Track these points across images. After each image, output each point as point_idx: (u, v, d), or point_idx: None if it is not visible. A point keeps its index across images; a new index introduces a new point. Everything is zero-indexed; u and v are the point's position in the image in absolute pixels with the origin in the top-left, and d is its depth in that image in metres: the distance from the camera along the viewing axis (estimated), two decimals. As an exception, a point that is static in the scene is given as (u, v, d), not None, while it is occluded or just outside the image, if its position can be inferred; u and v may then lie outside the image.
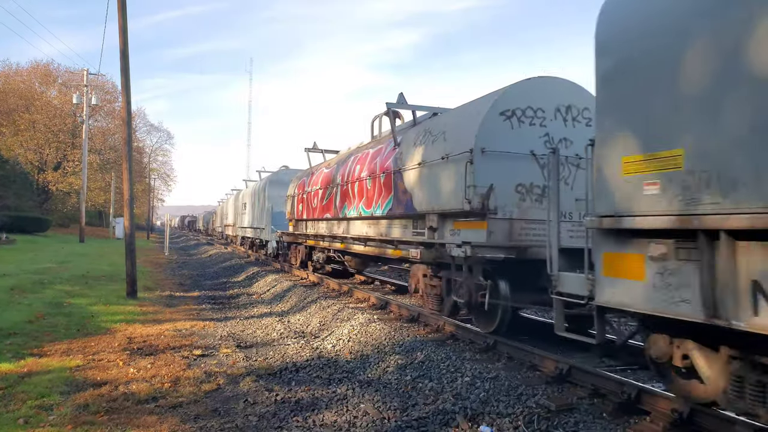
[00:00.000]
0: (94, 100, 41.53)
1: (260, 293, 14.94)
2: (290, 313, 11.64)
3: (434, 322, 8.76)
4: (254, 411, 5.57)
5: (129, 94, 13.42)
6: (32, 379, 6.24)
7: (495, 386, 5.74)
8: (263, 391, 6.19)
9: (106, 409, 5.45)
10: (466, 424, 4.99)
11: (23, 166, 48.19)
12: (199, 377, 6.65)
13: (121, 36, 13.19)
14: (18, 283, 13.64)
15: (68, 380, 6.31)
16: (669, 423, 4.60)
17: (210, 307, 12.74)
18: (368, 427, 5.12)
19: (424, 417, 5.24)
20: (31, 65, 55.05)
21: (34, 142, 49.75)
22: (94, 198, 56.40)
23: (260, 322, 10.57)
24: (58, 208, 54.47)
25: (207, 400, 5.89)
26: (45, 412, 5.27)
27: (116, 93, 53.85)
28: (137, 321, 10.12)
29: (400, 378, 6.56)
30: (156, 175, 74.63)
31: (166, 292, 14.61)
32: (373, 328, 8.73)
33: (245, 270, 20.24)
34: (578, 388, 5.61)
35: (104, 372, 6.71)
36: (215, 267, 23.29)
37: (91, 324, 9.56)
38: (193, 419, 5.31)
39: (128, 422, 5.13)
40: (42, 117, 49.25)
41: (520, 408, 5.17)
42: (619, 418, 4.89)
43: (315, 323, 10.18)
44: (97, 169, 54.13)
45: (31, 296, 11.97)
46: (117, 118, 53.24)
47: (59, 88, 54.01)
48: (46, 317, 9.78)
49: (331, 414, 5.47)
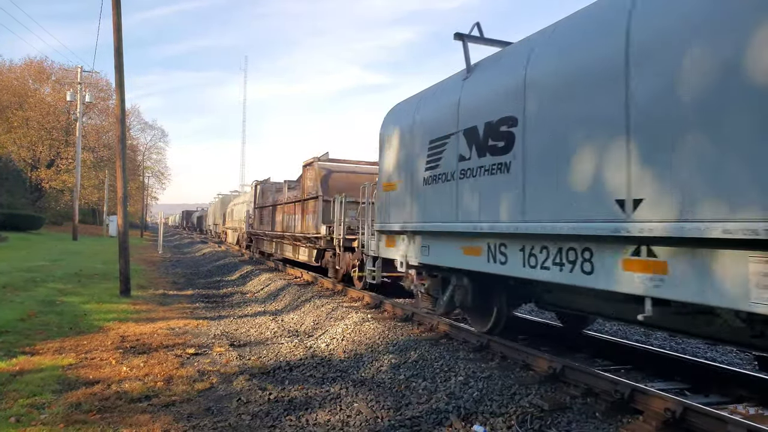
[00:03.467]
0: (87, 98, 41.30)
1: (254, 292, 14.91)
2: (284, 311, 11.62)
3: (428, 321, 8.77)
4: (247, 410, 5.56)
5: (123, 91, 13.36)
6: (24, 378, 6.21)
7: (488, 385, 5.75)
8: (256, 390, 6.18)
9: (99, 407, 5.42)
10: (460, 423, 4.99)
11: (16, 164, 47.92)
12: (193, 376, 6.63)
13: (116, 33, 13.12)
14: (10, 281, 13.57)
15: (60, 379, 6.27)
16: (662, 422, 4.62)
17: (204, 305, 12.70)
18: (361, 426, 5.12)
19: (417, 416, 5.24)
20: (24, 62, 54.75)
21: (28, 140, 49.44)
22: (87, 196, 56.09)
23: (254, 321, 10.55)
24: (52, 206, 54.20)
25: (200, 399, 5.87)
26: (37, 411, 5.24)
27: (110, 90, 53.56)
28: (130, 319, 10.08)
29: (394, 377, 6.56)
30: (150, 173, 74.38)
31: (159, 291, 14.56)
32: (367, 327, 8.73)
33: (239, 268, 20.19)
34: (571, 388, 5.62)
35: (97, 370, 6.68)
36: (209, 265, 23.22)
37: (84, 322, 9.52)
38: (186, 418, 5.29)
39: (121, 421, 5.11)
40: (35, 114, 48.96)
41: (513, 407, 5.18)
42: (612, 418, 4.91)
43: (309, 322, 10.17)
44: (90, 166, 53.88)
45: (24, 294, 11.90)
46: (111, 115, 52.99)
47: (53, 85, 53.71)
48: (38, 315, 9.73)
49: (325, 413, 5.46)
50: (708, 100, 3.97)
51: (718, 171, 3.86)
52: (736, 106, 3.79)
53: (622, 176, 4.60)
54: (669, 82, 4.24)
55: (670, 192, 4.17)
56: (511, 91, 6.07)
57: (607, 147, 4.78)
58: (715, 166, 3.88)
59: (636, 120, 4.51)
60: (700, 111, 4.01)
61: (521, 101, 5.88)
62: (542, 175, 5.55)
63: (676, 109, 4.18)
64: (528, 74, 5.86)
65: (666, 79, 4.27)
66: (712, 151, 3.91)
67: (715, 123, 3.91)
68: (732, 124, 3.81)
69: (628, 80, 4.59)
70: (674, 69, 4.21)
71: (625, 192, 4.57)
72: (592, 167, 4.93)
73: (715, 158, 3.89)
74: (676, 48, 4.21)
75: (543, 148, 5.56)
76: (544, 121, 5.57)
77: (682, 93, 4.14)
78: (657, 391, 5.01)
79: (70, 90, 41.48)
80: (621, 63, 4.66)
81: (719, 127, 3.88)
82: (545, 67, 5.68)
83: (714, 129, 3.91)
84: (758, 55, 3.66)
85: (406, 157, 8.55)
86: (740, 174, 3.74)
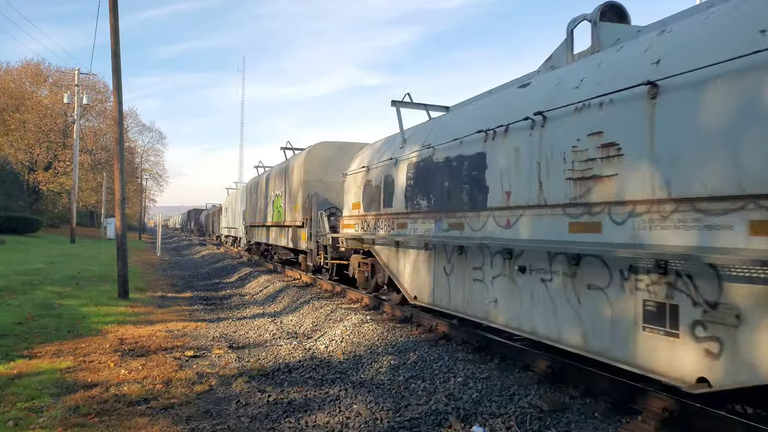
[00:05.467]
0: (85, 100, 41.21)
1: (253, 294, 14.89)
2: (283, 313, 11.61)
3: (426, 322, 8.77)
4: (246, 412, 5.55)
5: (120, 93, 13.34)
6: (22, 381, 6.18)
7: (487, 386, 5.75)
8: (255, 392, 6.17)
9: (97, 411, 5.41)
10: (459, 424, 4.99)
11: (13, 166, 47.75)
12: (191, 378, 6.62)
13: (113, 36, 13.11)
14: (7, 284, 13.53)
15: (59, 382, 6.25)
16: (660, 422, 4.62)
17: (202, 307, 12.68)
18: (361, 427, 5.11)
19: (416, 417, 5.24)
20: (21, 65, 54.73)
21: (25, 142, 49.36)
22: (85, 198, 56.02)
23: (253, 323, 10.53)
24: (49, 209, 54.07)
25: (199, 402, 5.86)
26: (35, 414, 5.23)
27: (108, 92, 53.42)
28: (129, 322, 10.06)
29: (393, 378, 6.56)
30: (148, 175, 74.30)
31: (158, 293, 14.53)
32: (366, 328, 8.72)
33: (238, 270, 20.17)
34: (571, 388, 5.63)
35: (95, 374, 6.66)
36: (207, 267, 23.19)
37: (82, 325, 9.49)
38: (184, 421, 5.28)
39: (119, 424, 5.09)
40: (33, 117, 48.87)
41: (512, 408, 5.18)
42: (611, 418, 4.91)
43: (308, 324, 10.16)
44: (88, 169, 53.80)
45: (21, 297, 11.87)
46: (109, 117, 52.85)
47: (50, 87, 53.61)
48: (36, 319, 9.69)
49: (324, 415, 5.45)
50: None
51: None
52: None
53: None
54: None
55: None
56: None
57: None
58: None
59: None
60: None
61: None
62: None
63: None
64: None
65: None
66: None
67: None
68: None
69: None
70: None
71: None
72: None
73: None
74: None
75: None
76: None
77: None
78: (656, 392, 5.02)
79: (67, 92, 41.40)
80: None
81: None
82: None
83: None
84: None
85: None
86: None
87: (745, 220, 3.81)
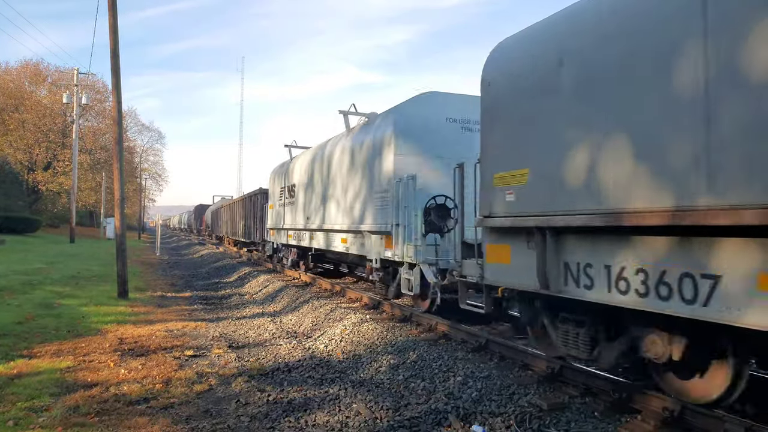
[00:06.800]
0: (84, 100, 41.16)
1: (252, 293, 14.89)
2: (282, 313, 11.61)
3: (426, 321, 8.78)
4: (246, 412, 5.55)
5: (120, 93, 13.33)
6: (22, 381, 6.19)
7: (487, 385, 5.75)
8: (255, 391, 6.17)
9: (97, 410, 5.41)
10: (459, 423, 4.99)
11: (13, 166, 47.71)
12: (191, 378, 6.62)
13: (112, 35, 13.10)
14: (7, 284, 13.52)
15: (58, 382, 6.26)
16: (660, 421, 4.63)
17: (202, 307, 12.68)
18: (360, 427, 5.12)
19: (416, 417, 5.24)
20: (20, 64, 54.64)
21: (24, 142, 49.29)
22: (84, 198, 55.95)
23: (252, 323, 10.53)
24: (48, 209, 54.01)
25: (199, 401, 5.86)
26: (35, 414, 5.23)
27: (107, 92, 53.40)
28: (128, 322, 10.06)
29: (393, 378, 6.56)
30: (147, 175, 74.25)
31: (157, 293, 14.53)
32: (365, 327, 8.73)
33: (237, 270, 20.17)
34: (570, 387, 5.63)
35: (95, 373, 6.66)
36: (207, 267, 23.19)
37: (82, 325, 9.49)
38: (184, 420, 5.28)
39: (119, 424, 5.10)
40: (32, 116, 48.81)
41: (512, 407, 5.19)
42: (611, 417, 4.92)
43: (307, 323, 10.17)
44: (87, 168, 53.72)
45: (21, 297, 11.87)
46: (108, 117, 52.77)
47: (49, 87, 53.53)
48: (36, 318, 9.69)
49: (324, 414, 5.46)
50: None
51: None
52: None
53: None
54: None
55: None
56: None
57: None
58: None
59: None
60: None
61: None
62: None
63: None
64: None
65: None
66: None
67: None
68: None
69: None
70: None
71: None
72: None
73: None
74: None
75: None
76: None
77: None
78: (655, 392, 5.03)
79: (66, 92, 41.34)
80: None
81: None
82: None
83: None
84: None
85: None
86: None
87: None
